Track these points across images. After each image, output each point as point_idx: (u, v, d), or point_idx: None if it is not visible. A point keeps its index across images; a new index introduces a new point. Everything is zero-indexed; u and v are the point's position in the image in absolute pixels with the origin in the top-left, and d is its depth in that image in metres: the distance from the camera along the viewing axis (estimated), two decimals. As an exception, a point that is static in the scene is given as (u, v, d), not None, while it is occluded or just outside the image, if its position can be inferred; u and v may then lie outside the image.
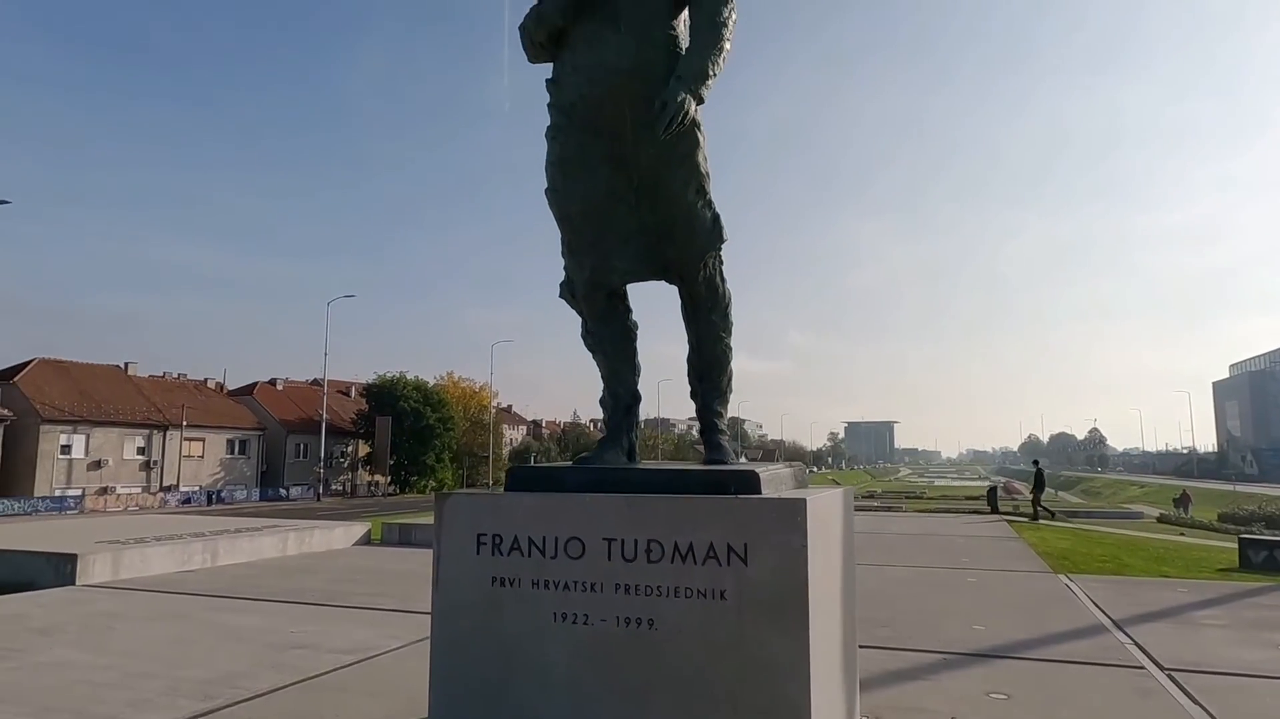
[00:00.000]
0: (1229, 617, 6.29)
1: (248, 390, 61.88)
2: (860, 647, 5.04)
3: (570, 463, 3.30)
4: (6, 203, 36.36)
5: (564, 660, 2.72)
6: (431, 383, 67.65)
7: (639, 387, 3.52)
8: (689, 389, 3.58)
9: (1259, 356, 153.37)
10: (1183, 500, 45.13)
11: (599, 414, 3.65)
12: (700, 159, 3.32)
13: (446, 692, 2.87)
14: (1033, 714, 3.78)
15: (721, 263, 3.50)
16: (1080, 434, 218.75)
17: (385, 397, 61.56)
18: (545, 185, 3.42)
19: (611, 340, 3.45)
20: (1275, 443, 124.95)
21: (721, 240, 3.41)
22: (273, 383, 64.97)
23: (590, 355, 3.59)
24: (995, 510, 20.90)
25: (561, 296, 3.53)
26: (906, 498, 54.97)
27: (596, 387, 3.56)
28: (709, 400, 3.49)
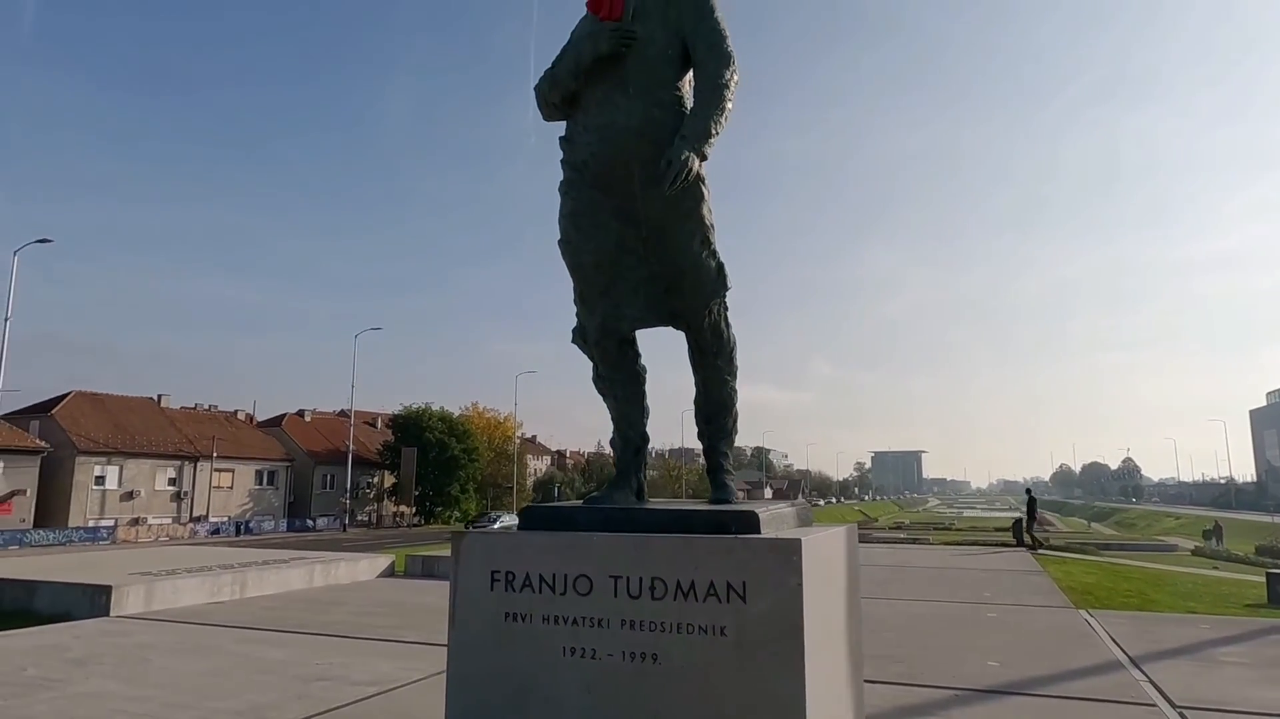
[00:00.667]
0: (1251, 654, 6.24)
1: (276, 422, 62.79)
2: (873, 682, 5.12)
3: (580, 503, 3.45)
4: (48, 241, 37.61)
5: (573, 693, 2.85)
6: (456, 414, 68.22)
7: (648, 428, 3.67)
8: (696, 430, 3.74)
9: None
10: (1215, 532, 44.29)
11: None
12: (705, 212, 3.51)
13: (462, 723, 3.00)
14: (1039, 751, 3.82)
15: (726, 309, 3.67)
16: (1113, 464, 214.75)
17: (411, 428, 62.15)
18: (559, 237, 3.62)
19: (622, 384, 3.62)
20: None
21: (725, 288, 3.58)
22: (301, 414, 65.88)
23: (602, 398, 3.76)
24: (1021, 543, 20.62)
25: (574, 342, 3.70)
26: (934, 529, 54.18)
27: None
28: (715, 442, 3.64)
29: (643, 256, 3.53)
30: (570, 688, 2.86)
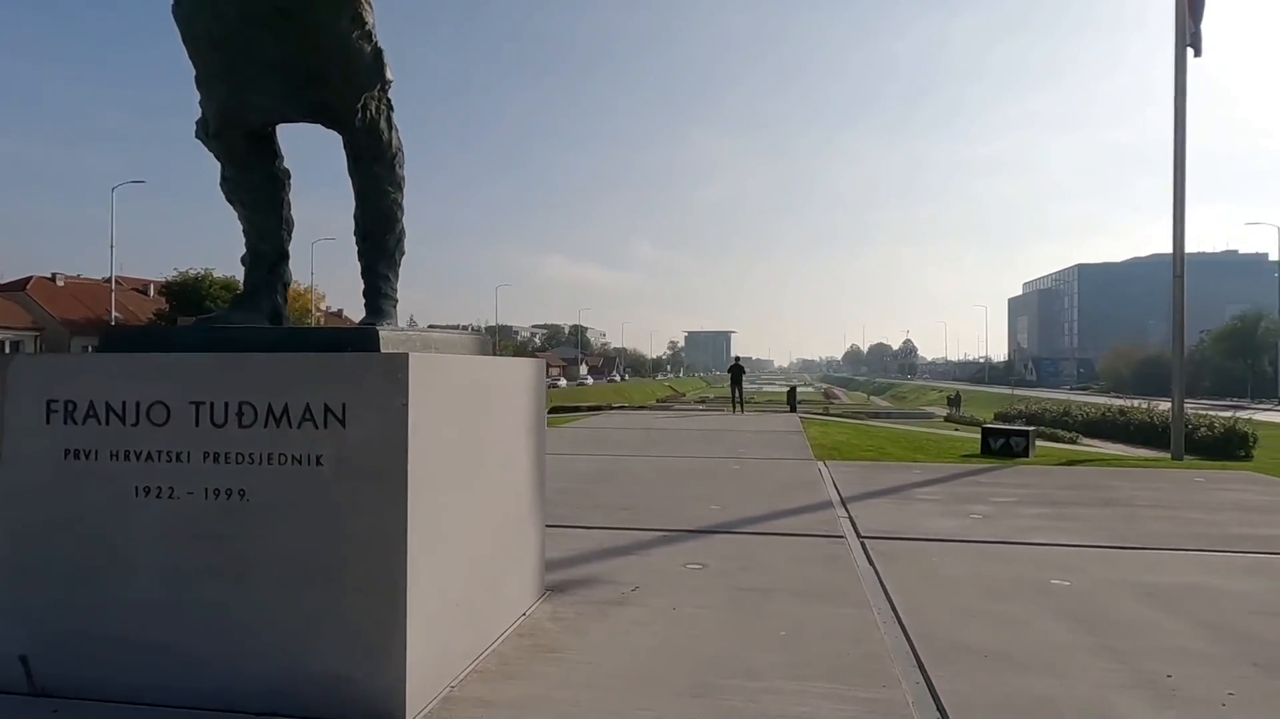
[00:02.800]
0: (945, 493, 6.89)
1: (19, 286, 54.79)
2: (590, 528, 5.08)
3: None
4: None
5: (146, 539, 2.41)
6: (246, 282, 62.83)
7: (289, 244, 3.13)
8: (356, 250, 3.24)
9: (1046, 276, 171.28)
10: (955, 400, 52.21)
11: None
12: None
13: (17, 587, 2.49)
14: (716, 580, 3.89)
15: (390, 108, 3.13)
16: (895, 345, 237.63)
17: (190, 296, 56.24)
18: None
19: (252, 189, 3.02)
20: (1054, 353, 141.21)
21: (384, 79, 3.03)
22: (52, 279, 57.86)
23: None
24: (794, 409, 22.49)
25: (197, 136, 3.03)
26: (733, 403, 57.72)
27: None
28: (372, 261, 3.16)
29: (279, 34, 2.88)
30: (143, 533, 2.41)
